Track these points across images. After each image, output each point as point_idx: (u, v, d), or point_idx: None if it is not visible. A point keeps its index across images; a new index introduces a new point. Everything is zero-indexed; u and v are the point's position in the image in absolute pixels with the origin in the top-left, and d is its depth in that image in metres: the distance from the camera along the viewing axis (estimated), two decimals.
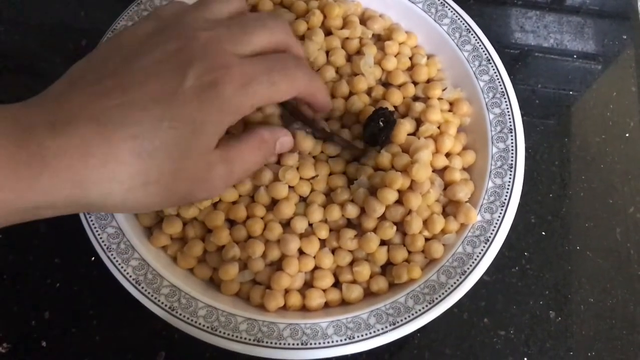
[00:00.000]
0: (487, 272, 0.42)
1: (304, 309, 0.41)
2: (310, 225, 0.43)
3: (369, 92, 0.48)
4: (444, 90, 0.48)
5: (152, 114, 0.30)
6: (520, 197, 0.43)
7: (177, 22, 0.34)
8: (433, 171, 0.44)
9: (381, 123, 0.43)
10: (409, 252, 0.42)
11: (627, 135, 0.56)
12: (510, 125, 0.45)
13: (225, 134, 0.34)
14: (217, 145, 0.33)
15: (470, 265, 0.41)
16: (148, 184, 0.30)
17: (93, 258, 0.46)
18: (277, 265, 0.42)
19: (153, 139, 0.30)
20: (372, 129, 0.44)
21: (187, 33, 0.33)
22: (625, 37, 0.62)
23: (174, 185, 0.31)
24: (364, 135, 0.45)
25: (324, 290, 0.42)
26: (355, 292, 0.41)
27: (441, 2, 0.50)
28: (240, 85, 0.32)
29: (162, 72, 0.31)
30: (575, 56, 0.61)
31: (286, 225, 0.43)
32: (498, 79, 0.47)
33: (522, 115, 0.46)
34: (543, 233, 0.51)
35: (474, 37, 0.48)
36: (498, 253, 0.42)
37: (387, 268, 0.43)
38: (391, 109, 0.46)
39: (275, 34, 0.36)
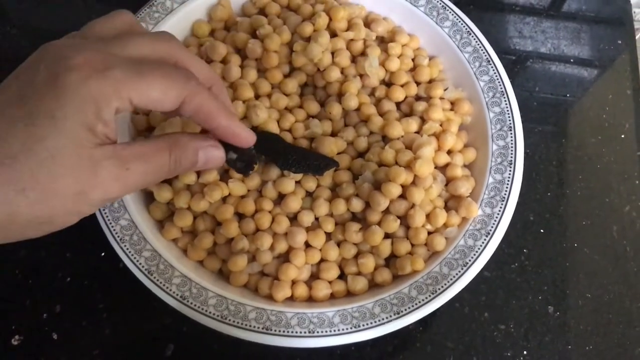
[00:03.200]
0: (488, 268, 0.43)
1: (311, 299, 0.43)
2: (317, 219, 0.44)
3: (372, 91, 0.50)
4: (445, 90, 0.50)
5: (5, 116, 0.28)
6: (520, 196, 0.44)
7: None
8: (435, 167, 0.45)
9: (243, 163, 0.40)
10: (412, 245, 0.44)
11: (622, 136, 0.58)
12: (510, 124, 0.46)
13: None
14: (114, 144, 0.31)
15: (472, 258, 0.42)
16: (25, 190, 0.28)
17: (103, 253, 0.48)
18: (285, 258, 0.43)
19: (12, 142, 0.27)
20: (234, 169, 0.41)
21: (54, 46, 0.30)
22: (620, 42, 0.64)
23: (55, 185, 0.28)
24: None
25: (330, 282, 0.43)
26: (361, 283, 0.43)
27: (443, 6, 0.51)
28: (96, 70, 0.29)
29: (20, 75, 0.30)
30: (572, 61, 0.63)
31: (293, 219, 0.44)
32: (498, 79, 0.48)
33: (521, 118, 0.47)
34: (542, 231, 0.52)
35: (474, 39, 0.50)
36: (498, 250, 0.43)
37: (391, 260, 0.44)
38: (392, 107, 0.48)
39: (158, 42, 0.33)
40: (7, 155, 0.27)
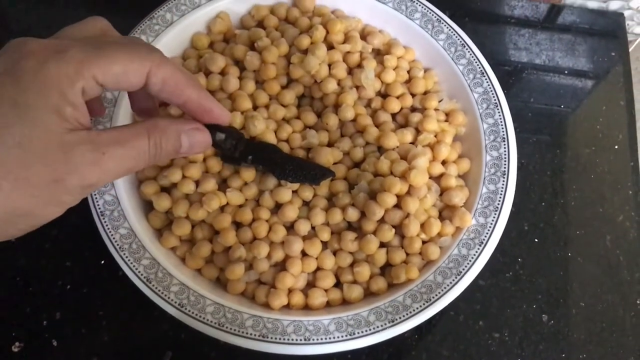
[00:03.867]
0: (482, 276, 0.44)
1: (307, 307, 0.43)
2: (313, 228, 0.45)
3: (368, 102, 0.50)
4: (440, 101, 0.50)
5: None
6: (514, 206, 0.45)
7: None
8: (430, 177, 0.46)
9: (233, 141, 0.40)
10: (407, 254, 0.44)
11: (616, 147, 0.58)
12: (503, 135, 0.47)
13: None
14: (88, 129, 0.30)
15: (466, 267, 0.42)
16: None
17: (103, 261, 0.48)
18: (281, 266, 0.44)
19: None
20: (226, 151, 0.41)
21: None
22: (614, 54, 0.65)
23: (27, 173, 0.27)
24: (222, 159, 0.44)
25: (326, 290, 0.44)
26: (356, 291, 0.43)
27: (437, 19, 0.52)
28: (54, 52, 0.28)
29: None
30: (566, 72, 0.63)
31: (290, 227, 0.45)
32: (491, 91, 0.49)
33: (516, 129, 0.48)
34: (536, 240, 0.53)
35: (468, 51, 0.51)
36: (493, 258, 0.43)
37: (386, 269, 0.45)
38: (388, 118, 0.49)
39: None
40: None
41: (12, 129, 0.27)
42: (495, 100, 0.48)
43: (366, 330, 0.40)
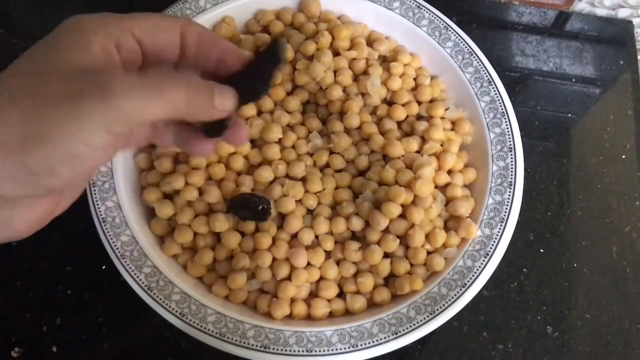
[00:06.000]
0: (487, 287, 0.43)
1: (309, 317, 0.43)
2: (317, 237, 0.44)
3: (374, 110, 0.50)
4: (446, 109, 0.50)
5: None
6: (520, 215, 0.45)
7: None
8: (435, 187, 0.46)
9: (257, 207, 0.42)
10: (412, 265, 0.44)
11: (623, 157, 0.58)
12: (510, 145, 0.47)
13: None
14: None
15: (471, 278, 0.42)
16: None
17: (104, 267, 0.48)
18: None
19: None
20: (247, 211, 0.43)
21: None
22: (622, 62, 0.64)
23: (46, 90, 0.26)
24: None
25: (329, 300, 0.43)
26: (359, 302, 0.43)
27: (445, 26, 0.52)
28: (89, 16, 0.30)
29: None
30: (573, 80, 0.63)
31: (293, 236, 0.44)
32: (499, 100, 0.48)
33: (522, 136, 0.48)
34: (541, 250, 0.52)
35: (476, 59, 0.50)
36: (497, 269, 0.43)
37: (390, 280, 0.44)
38: (393, 126, 0.48)
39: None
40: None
41: (43, 54, 0.28)
42: (502, 109, 0.48)
43: (369, 342, 0.40)
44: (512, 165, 0.46)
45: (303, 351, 0.39)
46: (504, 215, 0.44)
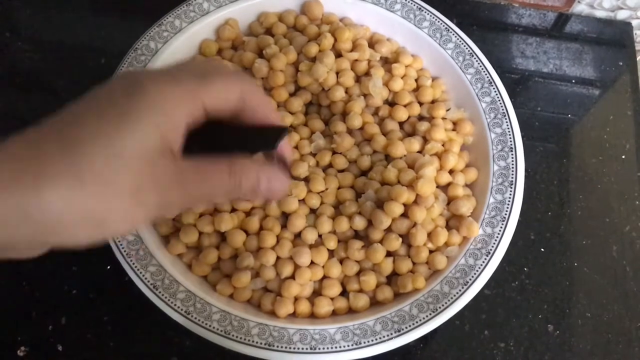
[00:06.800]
0: (488, 286, 0.43)
1: (313, 315, 0.43)
2: (320, 236, 0.45)
3: (376, 111, 0.50)
4: (447, 110, 0.50)
5: (79, 116, 0.28)
6: (520, 215, 0.45)
7: None
8: (437, 187, 0.46)
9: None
10: (414, 263, 0.44)
11: (623, 157, 0.58)
12: (511, 145, 0.47)
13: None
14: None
15: (472, 277, 0.42)
16: (84, 181, 0.26)
17: (109, 267, 0.48)
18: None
19: (80, 134, 0.27)
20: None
21: None
22: (621, 63, 0.65)
23: (115, 178, 0.27)
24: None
25: (332, 299, 0.44)
26: (362, 300, 0.43)
27: (446, 28, 0.52)
28: (169, 80, 0.29)
29: (96, 93, 0.29)
30: (573, 81, 0.63)
31: (297, 235, 0.45)
32: (499, 100, 0.49)
33: (522, 137, 0.48)
34: (542, 250, 0.53)
35: (476, 60, 0.51)
36: (499, 268, 0.43)
37: (392, 278, 0.45)
38: (395, 127, 0.49)
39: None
40: (73, 145, 0.26)
41: (111, 134, 0.27)
42: (503, 109, 0.48)
43: (372, 340, 0.40)
44: (513, 164, 0.46)
45: (307, 349, 0.40)
46: (505, 214, 0.44)
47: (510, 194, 0.45)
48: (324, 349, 0.40)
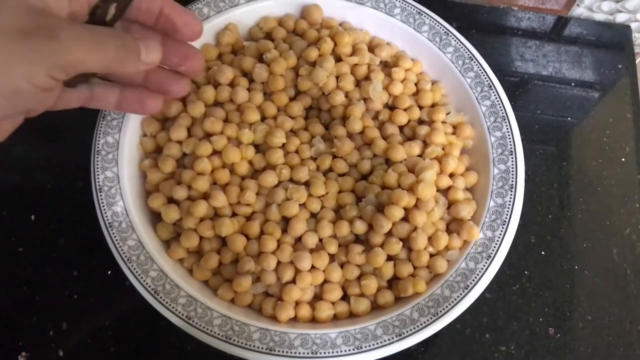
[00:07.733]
0: (489, 289, 0.43)
1: (314, 320, 0.43)
2: (321, 240, 0.45)
3: (376, 115, 0.50)
4: (447, 114, 0.51)
5: None
6: (521, 218, 0.45)
7: None
8: (437, 190, 0.46)
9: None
10: (415, 267, 0.44)
11: (622, 159, 0.58)
12: (511, 148, 0.47)
13: None
14: None
15: (473, 280, 0.42)
16: None
17: (110, 271, 0.48)
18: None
19: None
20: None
21: None
22: (620, 66, 0.65)
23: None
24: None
25: (333, 303, 0.44)
26: (363, 304, 0.43)
27: (445, 32, 0.52)
28: None
29: None
30: (573, 84, 0.63)
31: (297, 239, 0.45)
32: (499, 104, 0.49)
33: (522, 140, 0.48)
34: (542, 253, 0.53)
35: (476, 64, 0.51)
36: (499, 271, 0.43)
37: (393, 282, 0.45)
38: (395, 131, 0.49)
39: None
40: None
41: None
42: (502, 113, 0.49)
43: (373, 344, 0.40)
44: (513, 168, 0.46)
45: (308, 353, 0.40)
46: (506, 218, 0.44)
47: (511, 198, 0.45)
48: (325, 353, 0.40)
